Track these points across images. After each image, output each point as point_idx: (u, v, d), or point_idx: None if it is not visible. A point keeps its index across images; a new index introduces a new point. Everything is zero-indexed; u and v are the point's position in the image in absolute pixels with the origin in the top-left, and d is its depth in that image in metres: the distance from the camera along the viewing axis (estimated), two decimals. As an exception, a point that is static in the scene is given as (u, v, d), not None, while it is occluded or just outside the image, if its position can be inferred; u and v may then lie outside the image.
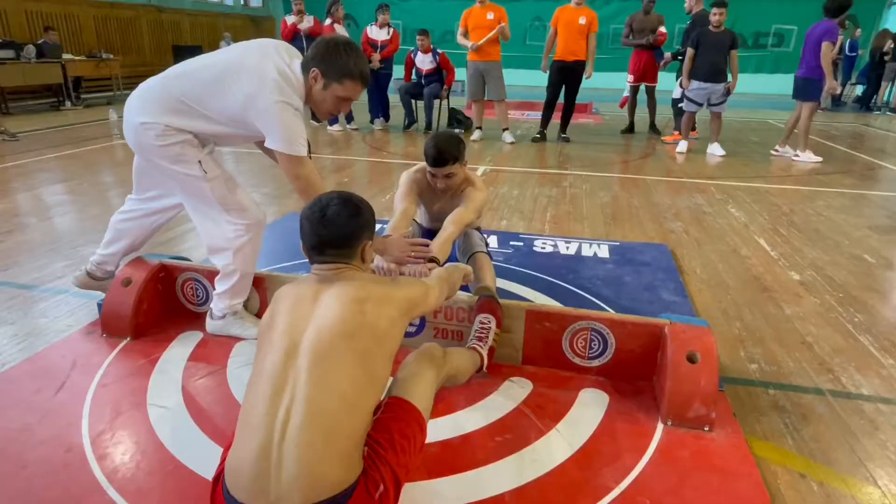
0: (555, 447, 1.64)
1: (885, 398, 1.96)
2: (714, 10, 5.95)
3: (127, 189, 2.42)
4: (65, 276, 2.71)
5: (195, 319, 2.32)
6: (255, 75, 1.81)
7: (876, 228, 3.84)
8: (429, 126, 7.45)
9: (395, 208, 2.24)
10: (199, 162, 1.94)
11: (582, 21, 6.45)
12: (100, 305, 2.22)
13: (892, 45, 10.77)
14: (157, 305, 2.27)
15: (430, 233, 2.41)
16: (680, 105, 6.79)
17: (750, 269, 3.08)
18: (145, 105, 1.91)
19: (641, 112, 7.68)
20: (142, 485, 1.47)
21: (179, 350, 2.12)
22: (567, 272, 2.89)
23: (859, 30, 12.25)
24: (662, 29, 7.05)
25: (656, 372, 1.91)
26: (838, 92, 5.60)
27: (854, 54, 11.77)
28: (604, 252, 3.18)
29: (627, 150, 6.74)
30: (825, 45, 5.43)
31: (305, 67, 1.88)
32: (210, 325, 2.21)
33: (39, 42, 9.20)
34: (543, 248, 3.24)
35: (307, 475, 1.11)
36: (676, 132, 6.95)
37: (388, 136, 7.37)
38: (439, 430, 1.69)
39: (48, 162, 5.35)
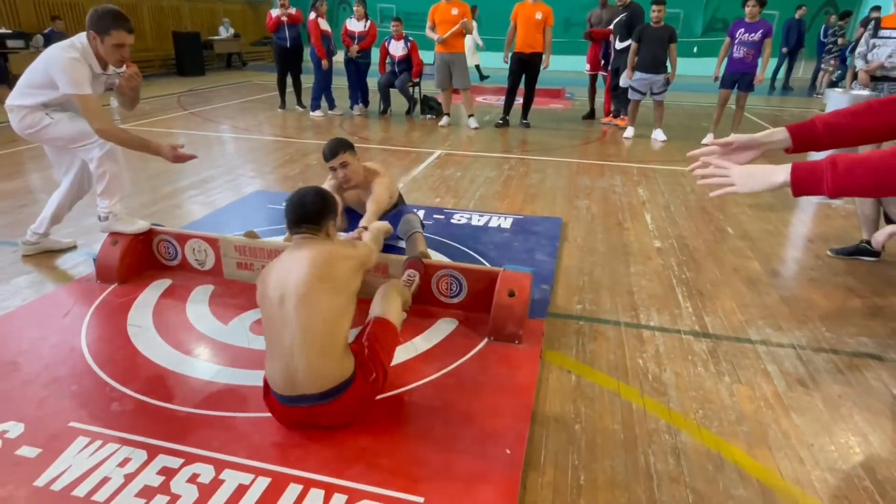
0: (406, 352, 2.38)
1: (663, 328, 2.67)
2: (654, 7, 6.55)
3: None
4: (69, 239, 3.43)
5: (166, 270, 3.06)
6: (54, 50, 2.77)
7: (755, 206, 4.51)
8: (410, 109, 8.51)
9: None
10: (46, 114, 2.87)
11: (538, 16, 7.05)
12: (94, 260, 2.97)
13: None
14: (138, 260, 3.02)
15: (356, 214, 3.30)
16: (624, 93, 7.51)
17: (623, 238, 3.77)
18: (14, 102, 2.88)
19: (600, 97, 8.30)
20: (120, 368, 2.22)
21: (153, 292, 2.86)
22: (469, 239, 3.60)
23: (833, 17, 12.66)
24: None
25: (494, 306, 2.63)
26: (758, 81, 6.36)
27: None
28: (507, 224, 3.88)
29: (582, 135, 7.38)
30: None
31: (87, 35, 2.74)
32: (101, 226, 3.00)
33: (47, 31, 9.89)
34: (459, 220, 3.95)
35: (315, 373, 1.81)
36: (612, 116, 7.98)
37: (367, 120, 8.04)
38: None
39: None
